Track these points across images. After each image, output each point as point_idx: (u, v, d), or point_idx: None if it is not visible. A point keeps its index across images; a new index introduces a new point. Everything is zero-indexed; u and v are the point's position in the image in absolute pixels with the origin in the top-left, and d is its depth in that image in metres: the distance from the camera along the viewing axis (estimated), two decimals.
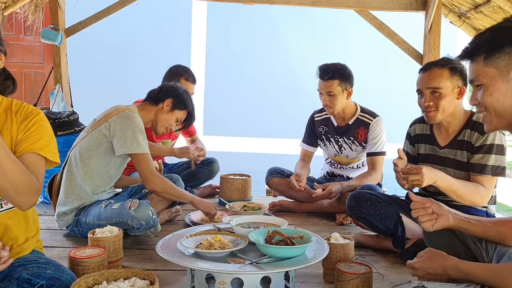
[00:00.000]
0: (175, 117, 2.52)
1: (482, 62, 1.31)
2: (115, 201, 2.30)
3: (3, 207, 1.46)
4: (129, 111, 2.33)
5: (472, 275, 1.32)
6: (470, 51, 1.36)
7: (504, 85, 1.29)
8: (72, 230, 2.32)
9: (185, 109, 2.55)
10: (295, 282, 1.77)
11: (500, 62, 1.28)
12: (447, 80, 2.00)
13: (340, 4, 3.66)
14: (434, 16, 3.53)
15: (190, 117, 2.60)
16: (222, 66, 6.06)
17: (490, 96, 1.31)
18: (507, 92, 1.29)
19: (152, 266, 1.99)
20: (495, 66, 1.29)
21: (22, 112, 1.49)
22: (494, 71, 1.29)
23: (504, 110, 1.30)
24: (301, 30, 6.00)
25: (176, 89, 2.54)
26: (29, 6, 3.83)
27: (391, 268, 2.03)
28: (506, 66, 1.27)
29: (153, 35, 5.86)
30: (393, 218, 2.15)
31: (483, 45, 1.31)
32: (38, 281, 1.37)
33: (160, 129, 2.53)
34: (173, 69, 3.13)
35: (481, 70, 1.31)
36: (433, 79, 2.01)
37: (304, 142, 3.17)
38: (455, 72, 2.00)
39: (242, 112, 6.03)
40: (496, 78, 1.29)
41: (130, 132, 2.25)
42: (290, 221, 2.17)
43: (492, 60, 1.29)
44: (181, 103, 2.51)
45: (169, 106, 2.48)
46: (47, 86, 4.36)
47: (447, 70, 2.00)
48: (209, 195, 3.39)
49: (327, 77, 2.77)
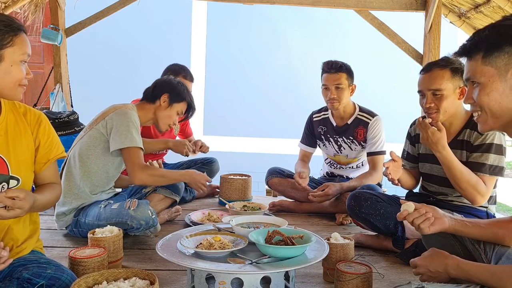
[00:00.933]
0: (175, 111, 2.48)
1: (480, 60, 1.27)
2: (115, 201, 2.29)
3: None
4: (125, 108, 2.32)
5: (473, 275, 1.32)
6: (468, 48, 1.32)
7: (502, 85, 1.25)
8: (72, 230, 2.32)
9: (183, 101, 2.49)
10: (295, 282, 1.77)
11: (499, 62, 1.24)
12: (448, 81, 1.98)
13: (340, 4, 3.66)
14: (434, 16, 3.53)
15: (190, 107, 2.55)
16: (222, 66, 6.06)
17: (487, 95, 1.27)
18: (504, 92, 1.25)
19: (152, 266, 1.99)
20: (494, 65, 1.25)
21: (30, 115, 1.56)
22: (492, 70, 1.25)
23: (500, 110, 1.27)
24: (301, 30, 6.00)
25: (170, 83, 2.49)
26: (29, 6, 3.83)
27: (391, 268, 2.03)
28: (505, 65, 1.23)
29: (153, 35, 5.86)
30: (393, 218, 2.15)
31: (481, 43, 1.27)
32: (38, 280, 1.38)
33: (163, 126, 2.49)
34: (171, 68, 3.12)
35: (479, 69, 1.28)
36: (434, 81, 2.00)
37: (302, 142, 3.17)
38: (457, 72, 1.99)
39: (242, 112, 6.04)
40: (494, 78, 1.25)
41: (125, 127, 2.24)
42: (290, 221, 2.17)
43: (490, 59, 1.25)
44: (177, 95, 2.46)
45: (166, 102, 2.44)
46: (47, 86, 4.36)
47: (449, 71, 1.99)
48: (209, 195, 3.40)
49: (335, 70, 2.78)
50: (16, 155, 1.47)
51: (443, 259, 1.41)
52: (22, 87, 1.45)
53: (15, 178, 1.47)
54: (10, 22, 1.39)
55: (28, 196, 1.34)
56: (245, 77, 6.03)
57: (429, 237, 1.69)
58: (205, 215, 2.61)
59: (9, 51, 1.38)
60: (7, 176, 1.45)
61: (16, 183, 1.47)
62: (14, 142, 1.48)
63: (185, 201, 3.11)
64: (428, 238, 1.70)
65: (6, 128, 1.47)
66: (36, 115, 1.57)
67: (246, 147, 5.96)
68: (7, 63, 1.38)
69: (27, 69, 1.45)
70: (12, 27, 1.39)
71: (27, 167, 1.52)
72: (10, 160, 1.46)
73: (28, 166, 1.52)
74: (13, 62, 1.39)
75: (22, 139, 1.51)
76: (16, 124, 1.50)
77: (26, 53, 1.43)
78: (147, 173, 2.27)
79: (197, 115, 2.74)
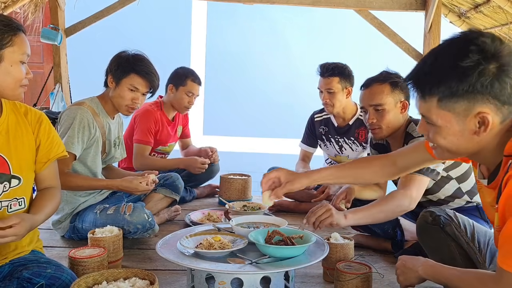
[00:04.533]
0: (124, 88, 2.22)
1: (436, 103, 1.14)
2: (110, 205, 2.24)
3: (12, 208, 1.47)
4: (76, 106, 2.18)
5: (443, 276, 1.33)
6: (419, 87, 1.17)
7: (459, 128, 1.14)
8: (70, 236, 2.27)
9: (129, 74, 2.21)
10: (295, 282, 1.77)
11: (457, 107, 1.11)
12: (388, 95, 2.00)
13: (340, 4, 3.66)
14: (434, 16, 3.53)
15: (145, 77, 2.23)
16: (222, 66, 6.07)
17: (444, 139, 1.17)
18: (462, 135, 1.15)
19: (152, 266, 1.99)
20: (451, 111, 1.12)
21: (31, 115, 1.56)
22: (449, 115, 1.13)
23: (457, 150, 1.19)
24: (300, 30, 6.00)
25: (112, 61, 2.27)
26: (29, 5, 3.83)
27: (391, 268, 2.03)
28: (464, 111, 1.11)
29: (153, 35, 5.86)
30: (391, 222, 2.13)
31: (435, 87, 1.13)
32: (38, 280, 1.38)
33: (121, 110, 2.29)
34: (179, 71, 3.13)
35: (435, 111, 1.15)
36: (374, 96, 2.02)
37: (303, 142, 3.17)
38: (396, 86, 2.01)
39: (242, 112, 6.04)
40: (451, 122, 1.14)
41: (64, 129, 2.11)
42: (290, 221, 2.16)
43: (448, 105, 1.12)
44: (121, 70, 2.21)
45: (113, 82, 2.23)
46: (47, 86, 4.36)
47: (388, 85, 2.01)
48: (209, 195, 3.39)
49: (327, 74, 2.78)
50: (18, 155, 1.48)
51: (420, 259, 1.44)
52: (23, 87, 1.45)
53: (17, 178, 1.47)
54: (9, 22, 1.39)
55: (24, 221, 1.34)
56: (244, 77, 6.04)
57: (425, 238, 1.70)
58: (205, 215, 2.61)
59: (9, 51, 1.37)
60: (8, 175, 1.45)
61: (17, 182, 1.47)
62: (15, 141, 1.48)
63: (185, 201, 3.11)
64: (424, 239, 1.71)
65: (8, 128, 1.47)
66: (37, 115, 1.57)
67: (246, 147, 5.96)
68: (7, 63, 1.38)
69: (27, 69, 1.45)
70: (11, 26, 1.38)
71: (28, 166, 1.52)
72: (12, 160, 1.46)
73: (29, 166, 1.52)
74: (12, 62, 1.39)
75: (24, 139, 1.51)
76: (17, 124, 1.50)
77: (26, 53, 1.42)
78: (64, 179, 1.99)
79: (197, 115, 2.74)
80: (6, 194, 1.45)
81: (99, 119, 2.25)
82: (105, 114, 2.30)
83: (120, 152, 2.49)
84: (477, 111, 1.11)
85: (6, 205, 1.45)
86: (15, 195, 1.47)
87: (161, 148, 3.16)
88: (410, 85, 1.20)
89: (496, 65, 1.08)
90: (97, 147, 2.25)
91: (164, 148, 3.17)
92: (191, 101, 3.10)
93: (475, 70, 1.07)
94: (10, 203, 1.46)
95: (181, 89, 3.04)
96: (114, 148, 2.41)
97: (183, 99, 3.06)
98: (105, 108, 2.30)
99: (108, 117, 2.32)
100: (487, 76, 1.07)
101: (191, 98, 3.09)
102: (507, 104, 1.10)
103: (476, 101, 1.10)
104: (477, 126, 1.13)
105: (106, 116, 2.30)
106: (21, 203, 1.49)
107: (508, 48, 1.10)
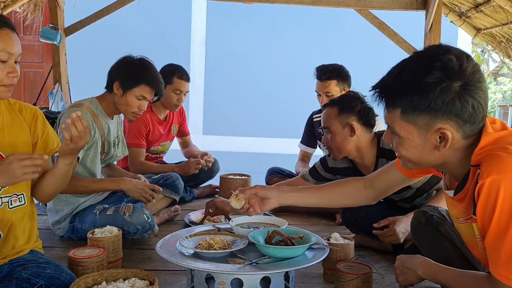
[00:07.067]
0: (132, 98, 2.22)
1: (399, 115, 1.16)
2: (110, 205, 2.23)
3: (13, 204, 1.47)
4: (73, 108, 2.17)
5: (440, 276, 1.34)
6: (384, 99, 1.19)
7: (421, 142, 1.15)
8: (70, 237, 2.27)
9: (139, 85, 2.21)
10: (295, 282, 1.77)
11: (419, 121, 1.13)
12: (335, 119, 2.06)
13: (340, 3, 3.65)
14: (434, 16, 3.52)
15: (154, 87, 2.25)
16: (222, 65, 6.06)
17: (406, 150, 1.19)
18: (424, 149, 1.16)
19: (152, 266, 1.98)
20: (414, 124, 1.14)
21: (26, 111, 1.55)
22: (412, 128, 1.15)
23: (420, 161, 1.20)
24: (301, 29, 6.00)
25: (118, 68, 2.25)
26: (28, 5, 3.82)
27: (391, 268, 2.01)
28: (426, 125, 1.12)
29: (153, 34, 5.85)
30: None
31: (397, 100, 1.15)
32: (37, 280, 1.37)
33: (127, 115, 2.29)
34: (166, 68, 3.08)
35: (398, 122, 1.17)
36: (324, 119, 2.11)
37: (302, 143, 3.16)
38: (343, 111, 2.05)
39: (242, 112, 6.03)
40: (413, 135, 1.15)
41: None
42: (290, 221, 2.16)
43: (410, 118, 1.14)
44: (130, 81, 2.20)
45: (119, 90, 2.21)
46: (46, 86, 4.35)
47: (336, 109, 2.07)
48: (209, 195, 3.39)
49: (325, 77, 2.78)
50: (14, 152, 1.46)
51: (418, 258, 1.46)
52: (7, 87, 1.36)
53: None
54: None
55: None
56: (244, 76, 6.03)
57: (419, 238, 1.71)
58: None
59: None
60: None
61: None
62: (11, 139, 1.47)
63: (185, 201, 3.11)
64: (419, 239, 1.72)
65: (3, 125, 1.47)
66: (31, 111, 1.56)
67: (246, 147, 5.96)
68: None
69: (12, 67, 1.35)
70: None
71: None
72: None
73: None
74: None
75: (20, 136, 1.50)
76: (12, 121, 1.49)
77: (5, 50, 1.32)
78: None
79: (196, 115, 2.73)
80: (5, 190, 1.45)
81: (98, 120, 2.25)
82: (104, 115, 2.29)
83: (121, 150, 2.50)
84: (437, 126, 1.11)
85: (6, 201, 1.45)
86: (14, 191, 1.47)
87: (154, 149, 3.15)
88: (375, 95, 1.21)
89: (459, 83, 1.07)
90: (96, 149, 2.25)
91: (157, 148, 3.16)
92: (180, 99, 3.05)
93: (437, 87, 1.07)
94: (11, 199, 1.46)
95: (168, 87, 2.95)
96: (114, 147, 2.40)
97: (171, 98, 3.02)
98: (105, 109, 2.29)
99: (108, 117, 2.32)
100: (449, 94, 1.07)
101: (180, 96, 3.04)
102: (468, 123, 1.10)
103: (437, 117, 1.10)
104: (437, 141, 1.13)
105: (105, 117, 2.30)
106: (21, 199, 1.49)
107: (474, 67, 1.09)
